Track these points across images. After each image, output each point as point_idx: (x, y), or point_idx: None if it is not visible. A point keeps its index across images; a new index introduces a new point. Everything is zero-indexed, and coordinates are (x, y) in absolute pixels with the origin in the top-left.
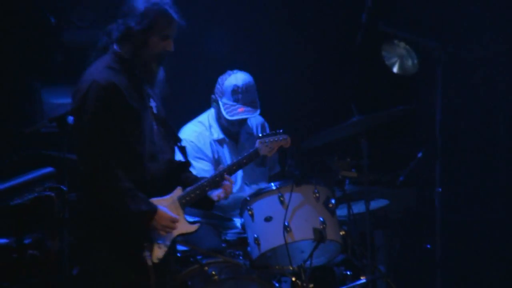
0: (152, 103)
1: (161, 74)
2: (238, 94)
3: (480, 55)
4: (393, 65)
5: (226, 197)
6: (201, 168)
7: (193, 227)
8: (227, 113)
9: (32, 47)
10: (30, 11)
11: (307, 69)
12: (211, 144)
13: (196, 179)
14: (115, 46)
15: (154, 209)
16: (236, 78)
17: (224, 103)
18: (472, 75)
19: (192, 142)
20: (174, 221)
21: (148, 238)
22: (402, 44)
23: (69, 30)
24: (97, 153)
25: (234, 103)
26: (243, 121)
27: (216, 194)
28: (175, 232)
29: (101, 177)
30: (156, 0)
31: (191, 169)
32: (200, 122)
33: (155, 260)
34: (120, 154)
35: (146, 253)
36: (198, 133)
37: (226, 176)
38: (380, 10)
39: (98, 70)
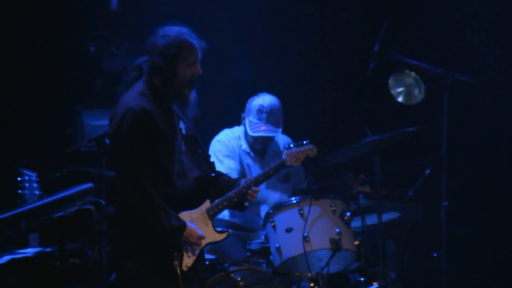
0: (182, 125)
1: (193, 97)
2: (263, 114)
3: (483, 80)
4: (398, 94)
5: (252, 201)
6: (228, 165)
7: (221, 236)
8: (250, 129)
9: (74, 74)
10: (72, 42)
11: (326, 94)
12: (239, 150)
13: (226, 185)
14: (148, 76)
15: (183, 225)
16: (263, 99)
17: (250, 120)
18: (476, 99)
19: (223, 142)
20: (201, 238)
21: (178, 248)
22: (413, 74)
23: (107, 58)
24: (133, 174)
25: (258, 122)
26: (267, 140)
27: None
28: (203, 242)
29: (138, 196)
30: (174, 33)
31: (219, 166)
32: (232, 131)
33: (184, 268)
34: (152, 173)
35: (176, 262)
36: (230, 137)
37: (253, 188)
38: (391, 40)
39: (132, 97)
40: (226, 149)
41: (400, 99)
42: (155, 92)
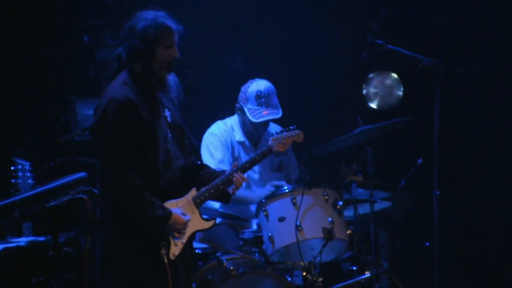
0: (167, 113)
1: (173, 80)
2: (262, 99)
3: (475, 70)
4: (372, 97)
5: (238, 189)
6: (220, 157)
7: (208, 224)
8: (253, 116)
9: (68, 64)
10: (66, 32)
11: (319, 84)
12: (232, 142)
13: (211, 175)
14: (129, 65)
15: (169, 214)
16: (258, 84)
17: (249, 108)
18: (468, 89)
19: (216, 135)
20: (187, 223)
21: (165, 237)
22: (394, 75)
23: (101, 48)
24: (117, 165)
25: (259, 107)
26: (267, 125)
27: (230, 189)
28: (190, 230)
29: (122, 187)
30: (151, 16)
31: (210, 159)
32: (224, 123)
33: (172, 257)
34: (137, 163)
35: (163, 251)
36: (223, 130)
37: (239, 173)
38: (384, 30)
39: (116, 87)
40: (219, 142)
41: (374, 104)
42: (138, 80)
